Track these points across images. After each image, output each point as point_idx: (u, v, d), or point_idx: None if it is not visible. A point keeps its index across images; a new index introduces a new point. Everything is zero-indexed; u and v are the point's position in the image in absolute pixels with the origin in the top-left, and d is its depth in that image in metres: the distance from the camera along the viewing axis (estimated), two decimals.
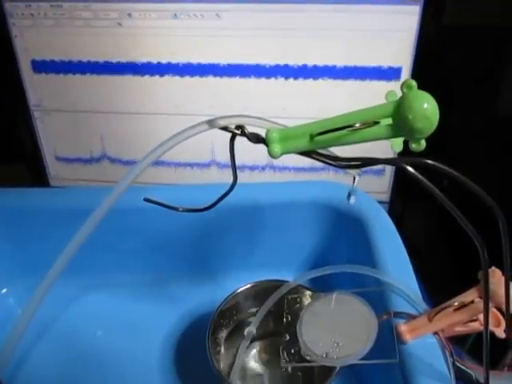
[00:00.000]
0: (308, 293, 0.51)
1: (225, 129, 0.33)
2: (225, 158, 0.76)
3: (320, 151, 0.33)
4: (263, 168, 0.75)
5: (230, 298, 0.51)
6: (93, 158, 0.77)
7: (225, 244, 0.62)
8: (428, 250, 0.71)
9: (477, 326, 0.44)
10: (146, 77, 0.70)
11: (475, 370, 0.47)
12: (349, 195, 0.37)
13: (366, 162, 0.30)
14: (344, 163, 0.31)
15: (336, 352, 0.43)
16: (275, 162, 0.74)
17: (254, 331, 0.50)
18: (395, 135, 0.30)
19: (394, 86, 0.68)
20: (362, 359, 0.42)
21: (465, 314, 0.43)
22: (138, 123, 0.73)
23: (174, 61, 0.69)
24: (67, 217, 0.59)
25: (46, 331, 0.60)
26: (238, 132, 0.33)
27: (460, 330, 0.44)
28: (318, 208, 0.58)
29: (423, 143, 0.29)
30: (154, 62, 0.69)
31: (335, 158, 0.32)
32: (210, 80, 0.70)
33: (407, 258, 0.50)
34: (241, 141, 0.72)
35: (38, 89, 0.73)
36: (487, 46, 0.72)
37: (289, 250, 0.61)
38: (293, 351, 0.45)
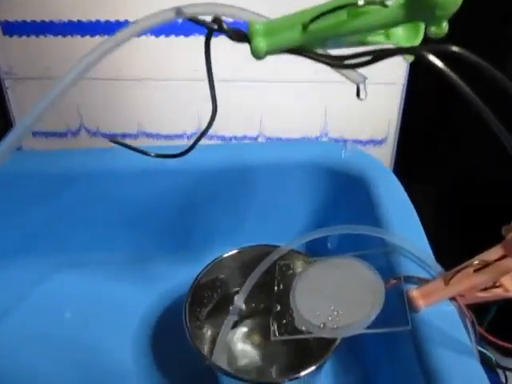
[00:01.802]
0: (302, 258, 0.44)
1: (199, 22, 0.26)
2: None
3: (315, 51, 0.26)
4: (255, 139, 0.69)
5: (212, 265, 0.44)
6: (69, 131, 0.70)
7: (210, 214, 0.55)
8: (429, 233, 0.65)
9: (500, 292, 0.37)
10: None
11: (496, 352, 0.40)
12: (358, 90, 0.30)
13: (375, 56, 0.23)
14: (345, 62, 0.24)
15: (336, 321, 0.36)
16: (267, 132, 0.68)
17: (242, 305, 0.43)
18: (409, 17, 0.23)
19: None
20: (367, 328, 0.34)
21: (487, 274, 0.36)
22: (116, 90, 0.67)
23: None
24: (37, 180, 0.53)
25: (10, 311, 0.53)
26: (215, 26, 0.26)
27: (481, 295, 0.37)
28: (313, 169, 0.51)
29: (445, 26, 0.23)
30: (132, 20, 0.62)
31: (335, 58, 0.25)
32: (194, 40, 0.63)
33: (416, 217, 0.43)
34: (229, 107, 0.65)
35: (8, 54, 0.66)
36: None
37: (282, 219, 0.54)
38: (285, 322, 0.38)
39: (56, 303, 0.54)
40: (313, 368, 0.36)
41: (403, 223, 0.42)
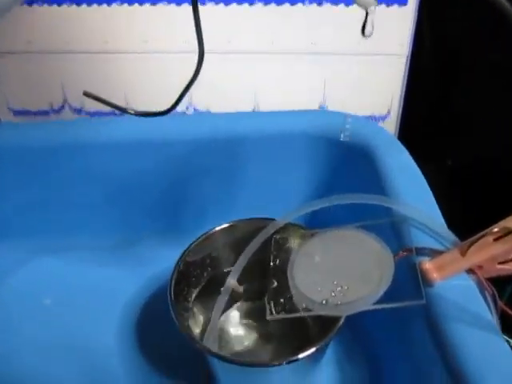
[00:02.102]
0: (301, 231, 0.39)
1: None
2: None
3: None
4: None
5: (201, 241, 0.40)
6: (53, 110, 0.66)
7: (202, 190, 0.51)
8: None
9: None
10: (113, 6, 0.59)
11: None
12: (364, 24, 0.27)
13: None
14: None
15: (339, 297, 0.32)
16: (263, 107, 0.63)
17: (235, 284, 0.39)
18: None
19: None
20: (376, 304, 0.30)
21: (509, 243, 0.32)
22: (102, 64, 0.62)
23: None
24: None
25: None
26: None
27: (503, 268, 0.33)
28: (313, 139, 0.47)
29: None
30: None
31: None
32: (185, 9, 0.59)
33: (427, 187, 0.39)
34: (222, 81, 0.59)
35: None
36: None
37: (280, 193, 0.50)
38: (282, 301, 0.34)
39: (35, 290, 0.50)
40: (313, 350, 0.32)
41: (413, 193, 0.38)
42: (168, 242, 0.53)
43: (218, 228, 0.41)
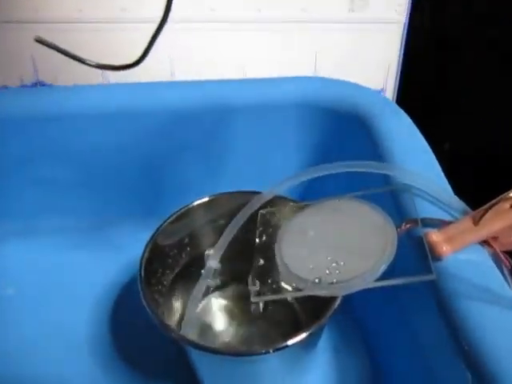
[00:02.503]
0: (290, 204, 0.35)
1: None
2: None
3: None
4: None
5: (177, 217, 0.35)
6: (24, 86, 0.61)
7: (183, 166, 0.47)
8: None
9: None
10: None
11: None
12: None
13: None
14: None
15: (335, 275, 0.27)
16: (249, 73, 0.59)
17: (217, 266, 0.34)
18: None
19: None
20: (378, 281, 0.26)
21: None
22: (75, 35, 0.57)
23: None
24: None
25: None
26: None
27: None
28: (304, 107, 0.43)
29: None
30: None
31: None
32: None
33: (430, 151, 0.35)
34: (206, 53, 0.54)
35: None
36: None
37: (268, 168, 0.46)
38: (269, 280, 0.30)
39: None
40: (304, 335, 0.28)
41: (414, 159, 0.34)
42: (146, 224, 0.47)
43: (196, 203, 0.36)
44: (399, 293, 0.34)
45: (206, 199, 0.37)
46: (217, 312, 0.39)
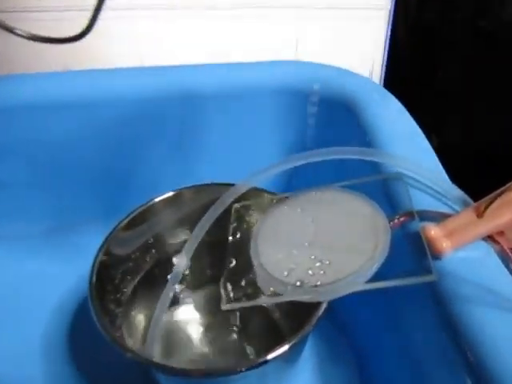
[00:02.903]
0: (268, 197, 0.31)
1: None
2: None
3: None
4: None
5: (137, 215, 0.31)
6: None
7: (153, 161, 0.42)
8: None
9: None
10: None
11: None
12: None
13: None
14: None
15: (320, 276, 0.23)
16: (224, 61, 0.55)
17: (185, 270, 0.30)
18: None
19: None
20: (369, 283, 0.22)
21: None
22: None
23: None
24: None
25: None
26: None
27: None
28: (285, 94, 0.39)
29: None
30: None
31: None
32: None
33: (423, 137, 0.31)
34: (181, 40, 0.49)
35: None
36: None
37: (246, 160, 0.40)
38: (243, 284, 0.26)
39: None
40: (285, 348, 0.24)
41: (407, 146, 0.30)
42: (110, 226, 0.44)
43: (158, 199, 0.32)
44: (391, 295, 0.30)
45: (170, 194, 0.32)
46: (187, 322, 0.34)
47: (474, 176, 0.45)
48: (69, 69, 0.52)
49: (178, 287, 0.31)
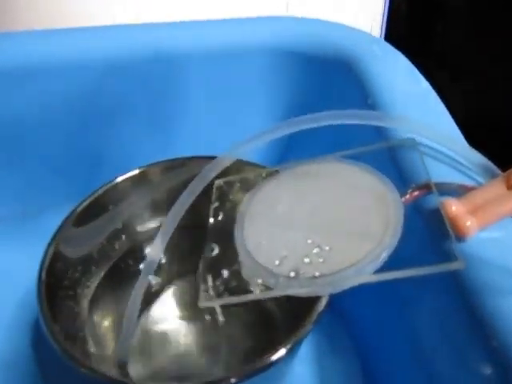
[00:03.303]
0: (256, 170, 0.26)
1: None
2: None
3: None
4: None
5: (99, 196, 0.26)
6: None
7: (128, 135, 0.38)
8: None
9: None
10: None
11: None
12: None
13: None
14: None
15: (318, 265, 0.19)
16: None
17: (161, 259, 0.26)
18: None
19: None
20: (379, 274, 0.18)
21: None
22: None
23: None
24: None
25: None
26: None
27: None
28: (278, 54, 0.34)
29: None
30: None
31: None
32: None
33: (436, 97, 0.27)
34: None
35: None
36: None
37: (234, 131, 0.36)
38: (226, 275, 0.21)
39: None
40: (281, 353, 0.20)
41: (419, 109, 0.26)
42: None
43: (122, 178, 0.27)
44: (400, 283, 0.26)
45: (136, 171, 0.28)
46: (164, 319, 0.30)
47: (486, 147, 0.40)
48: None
49: (152, 279, 0.27)
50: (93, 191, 0.27)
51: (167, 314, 0.30)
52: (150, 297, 0.29)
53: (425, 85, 0.28)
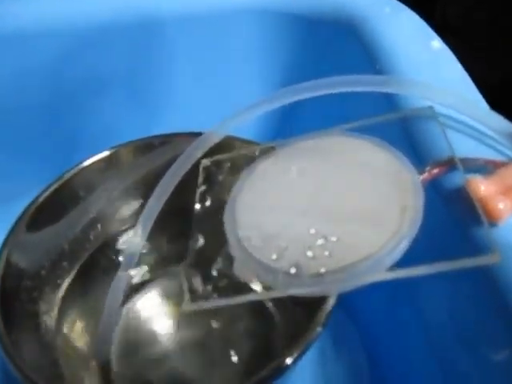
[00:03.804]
0: (249, 148, 0.23)
1: None
2: None
3: None
4: None
5: (65, 181, 0.23)
6: None
7: (102, 112, 0.34)
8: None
9: None
10: None
11: None
12: None
13: None
14: None
15: (324, 260, 0.16)
16: None
17: (142, 247, 0.23)
18: None
19: None
20: (393, 271, 0.16)
21: None
22: None
23: None
24: None
25: None
26: None
27: None
28: (271, 18, 0.30)
29: None
30: None
31: None
32: None
33: (456, 61, 0.24)
34: None
35: None
36: None
37: (223, 105, 0.32)
38: (215, 272, 0.18)
39: None
40: (286, 363, 0.17)
41: (435, 74, 0.23)
42: None
43: (91, 160, 0.24)
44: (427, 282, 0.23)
45: (106, 153, 0.25)
46: (148, 316, 0.26)
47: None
48: None
49: (133, 272, 0.24)
50: (58, 176, 0.24)
51: (150, 310, 0.26)
52: (131, 292, 0.26)
53: (440, 46, 0.25)
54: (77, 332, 0.22)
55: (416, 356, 0.26)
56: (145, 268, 0.26)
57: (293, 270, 0.17)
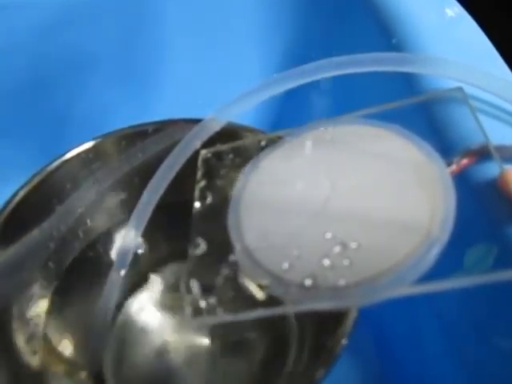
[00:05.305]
0: (254, 137, 0.21)
1: None
2: None
3: None
4: None
5: (47, 175, 0.21)
6: None
7: (89, 95, 0.32)
8: None
9: None
10: None
11: None
12: None
13: None
14: None
15: (342, 270, 0.14)
16: None
17: (139, 245, 0.21)
18: None
19: None
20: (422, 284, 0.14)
21: None
22: None
23: None
24: None
25: None
26: None
27: None
28: None
29: None
30: None
31: None
32: None
33: (485, 38, 0.21)
34: None
35: None
36: None
37: (223, 86, 0.29)
38: (219, 282, 0.17)
39: None
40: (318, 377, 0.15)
41: (461, 53, 0.21)
42: None
43: (75, 151, 0.22)
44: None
45: (90, 144, 0.22)
46: (144, 320, 0.25)
47: None
48: None
49: (127, 272, 0.22)
50: (41, 168, 0.22)
51: (148, 322, 0.24)
52: (125, 294, 0.24)
53: (468, 20, 0.22)
54: (65, 341, 0.21)
55: (431, 357, 0.24)
56: (140, 267, 0.24)
57: (308, 282, 0.15)
